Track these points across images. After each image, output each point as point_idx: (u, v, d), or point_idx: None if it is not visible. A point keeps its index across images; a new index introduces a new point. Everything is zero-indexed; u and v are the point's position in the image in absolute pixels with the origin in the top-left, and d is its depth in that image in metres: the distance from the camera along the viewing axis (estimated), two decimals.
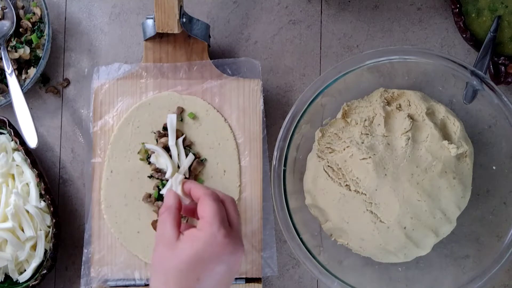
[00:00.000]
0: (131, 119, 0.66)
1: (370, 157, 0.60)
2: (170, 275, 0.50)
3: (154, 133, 0.66)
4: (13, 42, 0.68)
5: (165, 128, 0.66)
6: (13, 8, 0.68)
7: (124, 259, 0.65)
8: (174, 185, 0.58)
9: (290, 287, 0.69)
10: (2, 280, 0.65)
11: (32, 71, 0.68)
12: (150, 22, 0.65)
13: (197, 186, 0.56)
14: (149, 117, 0.66)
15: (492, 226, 0.63)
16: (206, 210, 0.52)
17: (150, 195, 0.65)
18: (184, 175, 0.64)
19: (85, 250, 0.65)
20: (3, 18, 0.69)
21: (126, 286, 0.65)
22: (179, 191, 0.57)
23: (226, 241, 0.50)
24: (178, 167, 0.65)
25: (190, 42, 0.67)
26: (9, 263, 0.64)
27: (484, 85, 0.60)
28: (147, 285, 0.65)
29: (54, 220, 0.65)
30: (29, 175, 0.66)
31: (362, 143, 0.61)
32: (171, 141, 0.64)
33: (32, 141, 0.64)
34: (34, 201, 0.65)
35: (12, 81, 0.66)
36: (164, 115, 0.66)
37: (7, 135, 0.67)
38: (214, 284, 0.50)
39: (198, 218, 0.53)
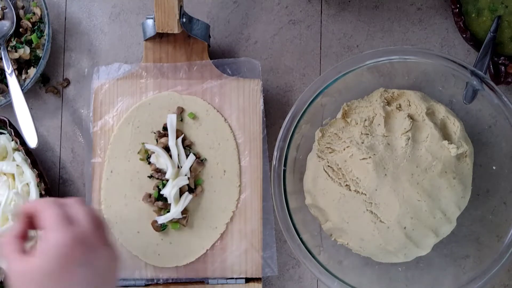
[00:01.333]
0: (131, 119, 0.66)
1: (370, 157, 0.60)
2: None
3: (154, 133, 0.66)
4: (13, 42, 0.68)
5: (165, 128, 0.66)
6: (13, 8, 0.68)
7: (124, 259, 0.65)
8: None
9: (290, 287, 0.69)
10: (2, 280, 0.65)
11: (32, 71, 0.68)
12: (150, 22, 0.65)
13: (28, 204, 0.51)
14: (149, 117, 0.66)
15: (492, 226, 0.63)
16: (47, 216, 0.47)
17: (150, 195, 0.65)
18: (186, 175, 0.64)
19: None
20: (3, 18, 0.69)
21: (126, 286, 0.65)
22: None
23: (78, 242, 0.46)
24: (179, 167, 0.65)
25: (190, 42, 0.67)
26: None
27: (484, 85, 0.60)
28: (148, 285, 0.65)
29: None
30: (29, 175, 0.66)
31: (362, 143, 0.61)
32: (171, 141, 0.64)
33: (32, 141, 0.64)
34: None
35: (12, 81, 0.66)
36: (164, 115, 0.66)
37: (7, 135, 0.67)
38: None
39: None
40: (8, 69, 0.66)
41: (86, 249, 0.47)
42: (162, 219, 0.63)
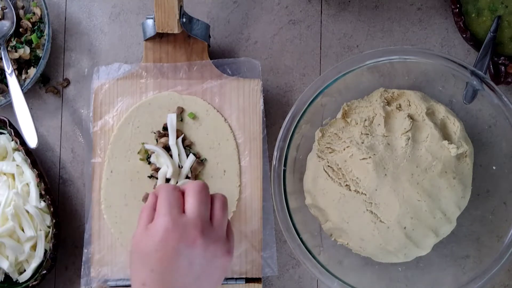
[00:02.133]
0: (131, 119, 0.66)
1: (370, 157, 0.60)
2: (136, 259, 0.50)
3: (154, 133, 0.66)
4: (13, 42, 0.68)
5: (165, 128, 0.66)
6: (13, 8, 0.68)
7: (124, 259, 0.65)
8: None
9: (290, 287, 0.69)
10: (2, 280, 0.65)
11: (32, 71, 0.68)
12: (150, 22, 0.65)
13: (157, 187, 0.56)
14: (149, 117, 0.66)
15: (492, 226, 0.63)
16: (160, 200, 0.51)
17: None
18: (187, 176, 0.64)
19: (85, 250, 0.65)
20: (3, 18, 0.69)
21: (126, 286, 0.65)
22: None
23: (175, 229, 0.48)
24: (179, 166, 0.65)
25: (190, 42, 0.67)
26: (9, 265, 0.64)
27: (484, 85, 0.60)
28: None
29: (54, 221, 0.65)
30: (29, 175, 0.66)
31: (362, 143, 0.61)
32: (172, 141, 0.64)
33: (32, 141, 0.64)
34: (34, 201, 0.65)
35: (12, 81, 0.66)
36: (164, 115, 0.66)
37: (7, 135, 0.67)
38: (180, 279, 0.49)
39: None
40: (8, 69, 0.66)
41: (184, 240, 0.49)
42: None
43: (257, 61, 0.67)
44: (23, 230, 0.64)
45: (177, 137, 0.65)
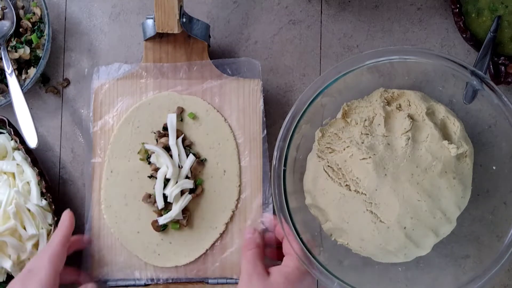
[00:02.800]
0: (131, 119, 0.66)
1: (370, 157, 0.60)
2: None
3: (154, 133, 0.66)
4: (13, 42, 0.68)
5: (165, 128, 0.66)
6: (13, 8, 0.68)
7: (124, 259, 0.65)
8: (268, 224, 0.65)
9: None
10: (4, 279, 0.65)
11: (32, 71, 0.68)
12: (150, 22, 0.65)
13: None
14: (149, 117, 0.66)
15: (492, 226, 0.63)
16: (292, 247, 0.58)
17: (150, 195, 0.65)
18: (187, 176, 0.65)
19: (85, 250, 0.65)
20: (3, 18, 0.69)
21: (126, 286, 0.65)
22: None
23: (305, 270, 0.58)
24: (179, 166, 0.65)
25: (190, 42, 0.67)
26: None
27: (484, 85, 0.59)
28: (147, 285, 0.65)
29: (55, 218, 0.65)
30: (29, 174, 0.66)
31: (362, 143, 0.61)
32: (172, 141, 0.64)
33: (32, 141, 0.64)
34: (35, 199, 0.65)
35: (12, 81, 0.66)
36: (164, 115, 0.66)
37: (7, 134, 0.67)
38: None
39: (276, 257, 0.63)
40: (8, 69, 0.66)
41: (308, 275, 0.59)
42: (163, 220, 0.64)
43: (257, 61, 0.67)
44: (25, 228, 0.64)
45: (177, 137, 0.65)
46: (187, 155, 0.65)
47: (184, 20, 0.64)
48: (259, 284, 0.56)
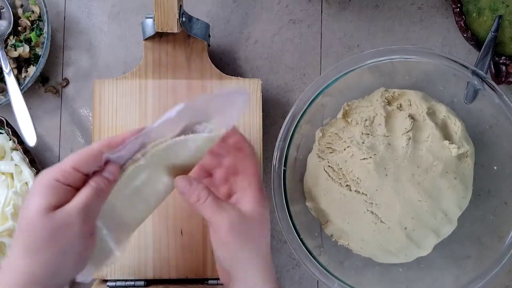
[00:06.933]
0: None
1: (370, 157, 0.59)
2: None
3: None
4: (12, 41, 0.68)
5: None
6: (10, 8, 0.68)
7: (123, 259, 0.65)
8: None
9: (290, 287, 0.69)
10: None
11: (31, 70, 0.68)
12: (149, 21, 0.65)
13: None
14: None
15: (493, 226, 0.63)
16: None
17: None
18: None
19: None
20: (0, 18, 0.68)
21: (126, 286, 0.65)
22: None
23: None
24: None
25: (189, 41, 0.67)
26: None
27: (485, 84, 0.59)
28: (147, 285, 0.65)
29: None
30: (27, 174, 0.65)
31: (363, 143, 0.61)
32: None
33: (31, 140, 0.63)
34: None
35: (10, 80, 0.65)
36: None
37: (5, 134, 0.67)
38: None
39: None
40: (6, 68, 0.66)
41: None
42: None
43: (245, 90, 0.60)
44: None
45: None
46: None
47: (183, 19, 0.64)
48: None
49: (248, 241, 0.48)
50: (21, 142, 0.65)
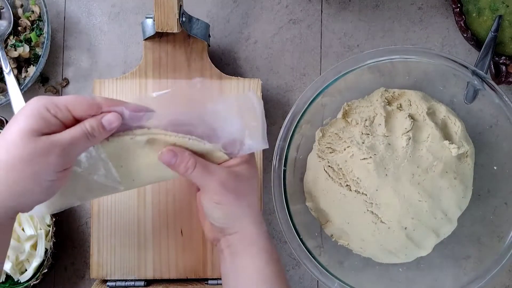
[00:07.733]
0: None
1: (370, 157, 0.59)
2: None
3: None
4: (13, 41, 0.68)
5: None
6: (10, 8, 0.68)
7: (123, 259, 0.65)
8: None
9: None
10: (3, 280, 0.65)
11: (32, 70, 0.68)
12: (149, 21, 0.65)
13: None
14: None
15: (493, 226, 0.63)
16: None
17: None
18: None
19: (85, 251, 0.65)
20: (0, 18, 0.68)
21: (126, 286, 0.65)
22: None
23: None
24: None
25: (189, 41, 0.67)
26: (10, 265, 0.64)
27: (485, 84, 0.59)
28: (147, 285, 0.65)
29: (54, 219, 0.64)
30: None
31: (363, 143, 0.61)
32: None
33: None
34: None
35: (10, 80, 0.65)
36: None
37: None
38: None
39: None
40: (6, 68, 0.66)
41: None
42: None
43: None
44: (23, 229, 0.64)
45: None
46: None
47: (183, 19, 0.64)
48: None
49: (241, 196, 0.49)
50: None
